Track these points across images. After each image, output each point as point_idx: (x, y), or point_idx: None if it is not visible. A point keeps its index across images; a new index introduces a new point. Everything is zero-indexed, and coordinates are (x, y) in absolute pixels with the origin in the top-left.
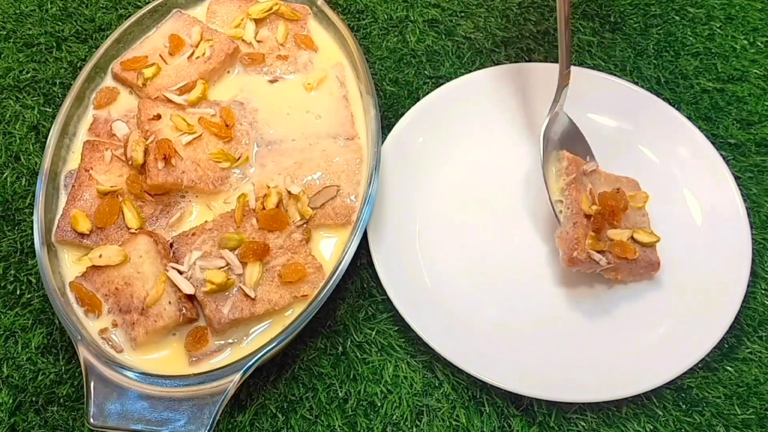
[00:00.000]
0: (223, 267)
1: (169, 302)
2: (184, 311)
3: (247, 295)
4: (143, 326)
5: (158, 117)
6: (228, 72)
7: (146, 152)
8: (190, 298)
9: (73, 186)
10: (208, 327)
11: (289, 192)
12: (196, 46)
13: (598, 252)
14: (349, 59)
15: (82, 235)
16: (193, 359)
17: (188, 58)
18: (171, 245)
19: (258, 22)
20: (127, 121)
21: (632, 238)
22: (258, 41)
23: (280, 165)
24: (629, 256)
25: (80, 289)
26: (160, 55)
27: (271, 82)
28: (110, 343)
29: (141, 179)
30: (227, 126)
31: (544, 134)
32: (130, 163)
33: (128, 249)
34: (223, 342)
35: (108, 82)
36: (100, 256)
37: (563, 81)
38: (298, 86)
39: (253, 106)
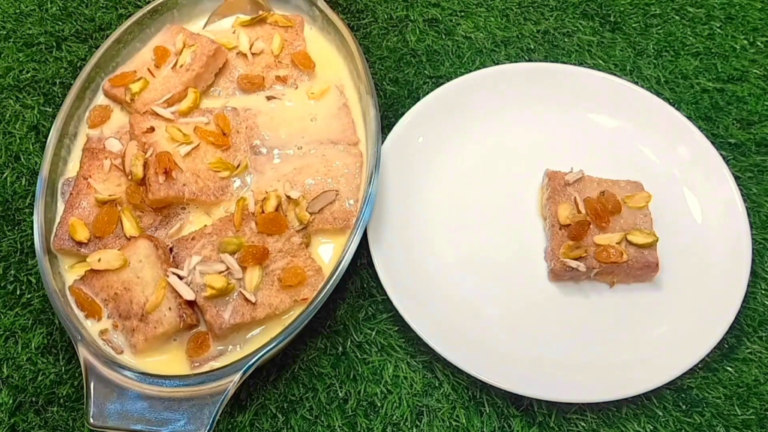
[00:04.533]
0: (223, 271)
1: (169, 308)
2: (184, 317)
3: (247, 300)
4: (143, 333)
5: (152, 129)
6: (215, 76)
7: (146, 166)
8: (190, 303)
9: (71, 194)
10: (209, 332)
11: (288, 197)
12: (179, 55)
13: (577, 259)
14: (349, 59)
15: (80, 243)
16: (195, 365)
17: (172, 68)
18: (170, 250)
19: (250, 28)
20: (120, 138)
21: (626, 240)
22: (253, 53)
23: (279, 171)
24: (617, 260)
25: (79, 294)
26: (148, 69)
27: (268, 98)
28: (111, 344)
29: (141, 191)
30: (224, 134)
31: None
32: (129, 177)
33: (128, 253)
34: (224, 347)
35: (101, 100)
36: (99, 260)
37: None
38: (299, 94)
39: (252, 112)
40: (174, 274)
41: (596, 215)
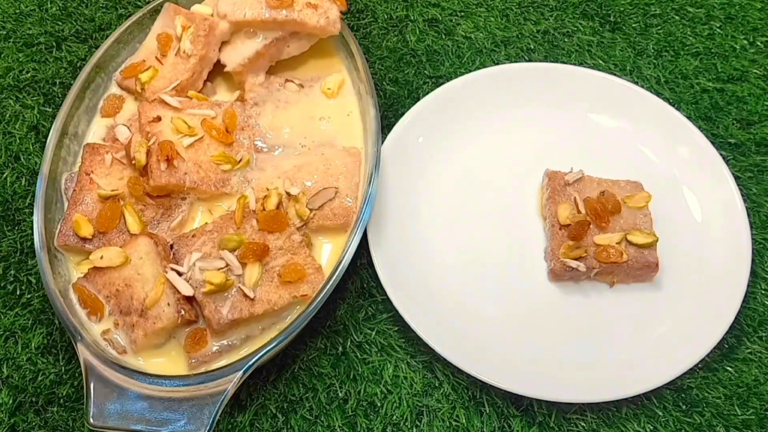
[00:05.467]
0: (222, 268)
1: (168, 304)
2: (182, 312)
3: (246, 296)
4: (142, 328)
5: (158, 119)
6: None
7: (148, 154)
8: (190, 299)
9: (74, 190)
10: (207, 328)
11: (288, 193)
12: (180, 40)
13: (577, 259)
14: (349, 59)
15: (84, 239)
16: (192, 361)
17: (176, 54)
18: (171, 246)
19: None
20: (130, 125)
21: (626, 240)
22: None
23: (280, 169)
24: (617, 260)
25: (83, 291)
26: (156, 57)
27: (297, 84)
28: (113, 344)
29: (143, 181)
30: (228, 131)
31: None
32: (133, 163)
33: (129, 250)
34: (222, 344)
35: (115, 89)
36: (102, 257)
37: None
38: (307, 91)
39: (256, 110)
40: (173, 270)
41: (596, 215)
